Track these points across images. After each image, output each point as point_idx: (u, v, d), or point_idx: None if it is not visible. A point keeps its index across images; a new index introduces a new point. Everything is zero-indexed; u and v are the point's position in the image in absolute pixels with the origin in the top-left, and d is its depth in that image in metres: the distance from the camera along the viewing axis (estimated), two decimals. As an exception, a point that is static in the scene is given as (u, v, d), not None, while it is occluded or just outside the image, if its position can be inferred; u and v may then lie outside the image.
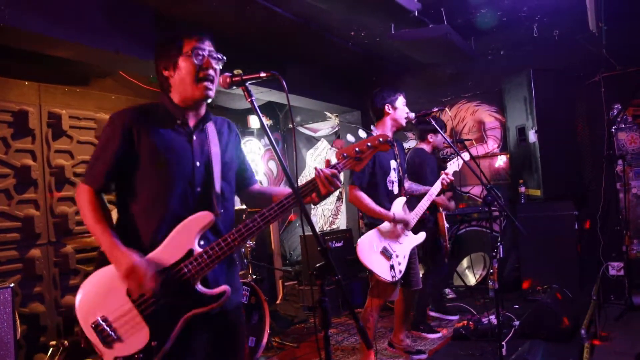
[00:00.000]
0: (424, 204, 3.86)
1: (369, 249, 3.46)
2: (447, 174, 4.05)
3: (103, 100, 5.07)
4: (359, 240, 3.52)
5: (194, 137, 1.93)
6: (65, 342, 4.07)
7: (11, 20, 3.26)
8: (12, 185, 4.28)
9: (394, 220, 3.52)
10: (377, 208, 3.52)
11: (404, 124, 3.74)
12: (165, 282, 1.77)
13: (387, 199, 3.65)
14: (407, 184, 4.08)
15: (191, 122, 1.95)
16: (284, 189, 2.03)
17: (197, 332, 1.85)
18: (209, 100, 1.95)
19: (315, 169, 1.87)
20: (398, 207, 3.61)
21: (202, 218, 1.84)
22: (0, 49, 3.87)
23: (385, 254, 3.47)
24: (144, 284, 1.74)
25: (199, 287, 1.81)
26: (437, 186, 4.00)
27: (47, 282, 4.44)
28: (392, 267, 3.44)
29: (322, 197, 1.88)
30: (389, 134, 3.76)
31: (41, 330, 4.32)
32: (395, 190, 3.72)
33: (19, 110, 4.36)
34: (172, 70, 1.90)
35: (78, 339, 4.25)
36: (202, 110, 1.99)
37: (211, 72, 1.89)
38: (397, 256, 3.51)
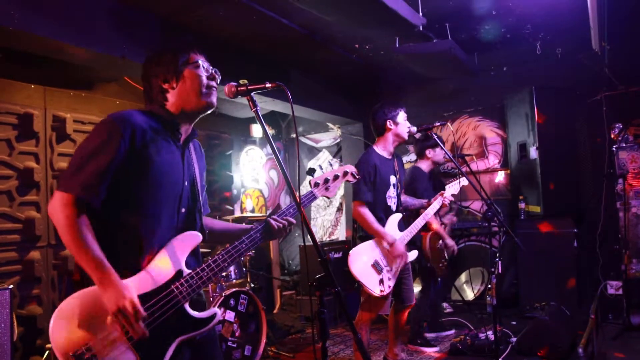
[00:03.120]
0: (418, 223, 3.82)
1: (361, 260, 3.46)
2: (444, 198, 4.00)
3: (107, 105, 5.11)
4: (351, 251, 3.52)
5: (185, 155, 1.90)
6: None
7: (20, 24, 3.30)
8: (14, 187, 4.31)
9: (391, 246, 3.52)
10: (380, 229, 3.53)
11: (406, 138, 3.76)
12: (157, 305, 1.69)
13: (384, 214, 3.66)
14: (403, 198, 4.08)
15: (182, 137, 1.91)
16: (227, 222, 2.15)
17: (183, 352, 1.79)
18: (209, 112, 1.93)
19: (268, 219, 1.93)
20: (393, 223, 3.62)
21: (192, 238, 1.83)
22: (8, 52, 3.92)
23: (376, 268, 3.47)
24: (134, 328, 1.60)
25: (189, 310, 1.77)
26: (434, 206, 3.97)
27: (45, 284, 4.44)
28: (381, 281, 3.44)
29: (272, 239, 1.97)
30: (391, 148, 3.77)
31: (38, 332, 4.32)
32: (393, 207, 3.74)
33: (24, 112, 4.39)
34: (175, 81, 1.85)
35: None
36: (192, 126, 1.95)
37: (214, 83, 1.90)
38: (388, 271, 3.51)
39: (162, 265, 1.73)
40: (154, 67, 1.88)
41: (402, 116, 3.73)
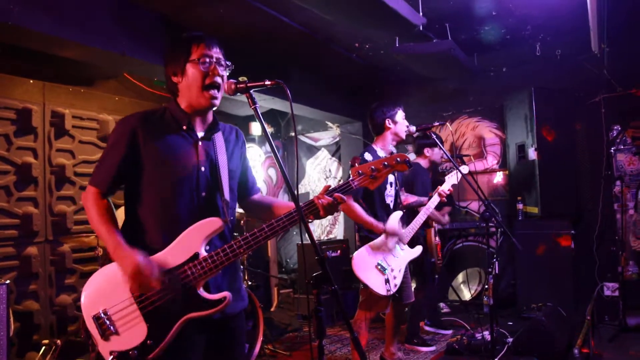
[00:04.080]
0: (420, 218, 3.82)
1: (364, 262, 3.45)
2: (442, 191, 4.00)
3: (106, 101, 5.10)
4: (354, 254, 3.51)
5: (200, 144, 1.95)
6: (58, 342, 4.06)
7: (20, 20, 3.29)
8: (12, 182, 4.30)
9: (385, 232, 3.51)
10: (369, 218, 3.52)
11: (404, 137, 3.76)
12: (168, 282, 1.79)
13: (384, 212, 3.65)
14: (403, 196, 4.08)
15: (198, 129, 1.97)
16: (284, 201, 2.09)
17: (194, 335, 1.86)
18: (215, 108, 1.97)
19: (315, 199, 1.87)
20: (394, 221, 3.62)
21: (212, 223, 1.86)
22: (8, 48, 3.90)
23: (380, 268, 3.47)
24: (148, 284, 1.77)
25: (201, 291, 1.83)
26: (434, 200, 3.97)
27: (42, 280, 4.44)
28: (387, 281, 3.44)
29: (319, 218, 1.92)
30: (390, 147, 3.77)
31: (34, 328, 4.32)
32: (392, 204, 3.74)
33: (22, 108, 4.38)
34: (180, 76, 1.91)
35: (71, 339, 4.25)
36: (210, 117, 2.01)
37: (217, 79, 1.89)
38: (392, 270, 3.50)
39: (180, 247, 1.84)
40: (166, 62, 1.98)
41: (400, 115, 3.74)
